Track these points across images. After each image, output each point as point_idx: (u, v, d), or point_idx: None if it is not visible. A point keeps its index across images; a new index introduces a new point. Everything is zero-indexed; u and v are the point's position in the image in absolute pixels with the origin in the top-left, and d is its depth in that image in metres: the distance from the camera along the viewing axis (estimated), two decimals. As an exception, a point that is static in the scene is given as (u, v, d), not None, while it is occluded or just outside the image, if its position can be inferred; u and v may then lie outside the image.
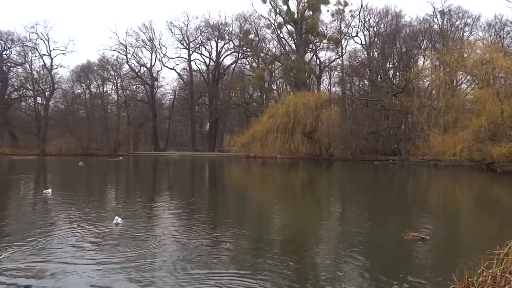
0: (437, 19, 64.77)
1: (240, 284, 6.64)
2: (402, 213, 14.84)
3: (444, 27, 64.14)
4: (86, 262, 7.68)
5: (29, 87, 77.78)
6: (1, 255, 7.44)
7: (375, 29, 69.05)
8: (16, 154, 65.09)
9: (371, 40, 69.53)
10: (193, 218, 12.62)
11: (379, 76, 64.03)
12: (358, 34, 71.22)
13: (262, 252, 8.59)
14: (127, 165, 46.16)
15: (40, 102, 78.58)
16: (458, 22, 63.70)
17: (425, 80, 54.15)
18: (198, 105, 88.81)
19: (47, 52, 77.38)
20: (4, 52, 77.22)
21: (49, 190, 17.80)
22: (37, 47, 77.14)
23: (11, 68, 78.82)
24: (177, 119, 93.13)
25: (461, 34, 63.31)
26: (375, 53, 70.28)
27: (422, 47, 63.58)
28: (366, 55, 70.33)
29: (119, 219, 10.65)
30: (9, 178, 28.56)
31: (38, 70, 78.32)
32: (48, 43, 77.23)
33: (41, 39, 76.61)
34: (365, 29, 69.87)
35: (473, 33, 62.70)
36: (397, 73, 64.81)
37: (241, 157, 60.49)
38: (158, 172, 38.62)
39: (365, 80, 68.51)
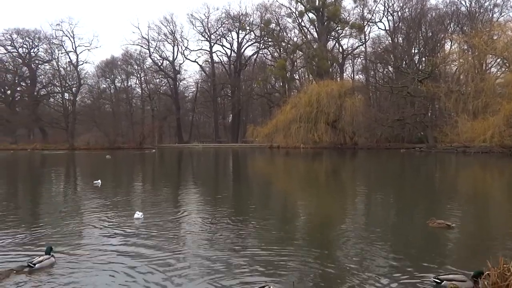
0: (465, 1, 62.51)
1: (263, 273, 6.67)
2: (428, 201, 14.52)
3: (472, 9, 61.86)
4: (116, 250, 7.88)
5: (57, 83, 79.93)
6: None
7: (399, 13, 67.31)
8: (47, 149, 67.30)
9: (395, 25, 67.82)
10: (218, 208, 12.74)
11: (404, 62, 62.51)
12: (382, 20, 69.69)
13: (287, 241, 8.59)
14: (153, 158, 46.98)
15: (67, 98, 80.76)
16: (487, 3, 61.33)
17: (453, 65, 52.62)
18: (220, 97, 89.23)
19: (73, 48, 79.31)
20: (32, 50, 79.58)
21: (99, 181, 18.66)
22: (63, 44, 79.18)
23: (39, 66, 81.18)
24: (200, 111, 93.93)
25: (490, 15, 60.95)
26: (400, 38, 68.59)
27: (449, 30, 61.63)
28: (390, 41, 68.76)
29: (140, 214, 10.75)
30: (48, 171, 29.56)
31: (65, 66, 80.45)
32: (74, 40, 79.12)
33: (66, 36, 78.55)
34: (389, 14, 68.23)
35: (503, 14, 60.39)
36: (423, 59, 63.11)
37: (265, 147, 60.53)
38: (183, 164, 39.13)
39: (390, 66, 67.07)
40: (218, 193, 17.12)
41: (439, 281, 6.00)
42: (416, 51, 65.55)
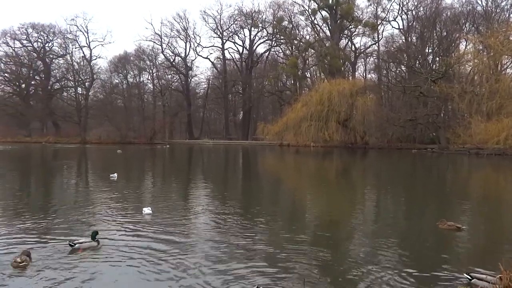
0: (481, 0, 61.45)
1: (272, 271, 6.69)
2: (439, 202, 14.39)
3: (489, 8, 60.79)
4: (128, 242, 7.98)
5: (70, 78, 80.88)
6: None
7: (413, 12, 66.46)
8: (59, 142, 68.20)
9: (410, 24, 67.02)
10: (228, 204, 12.79)
11: (417, 62, 61.78)
12: (396, 19, 68.93)
13: (296, 239, 8.60)
14: (163, 153, 47.28)
15: (80, 92, 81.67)
16: (503, 3, 60.13)
17: (467, 65, 51.80)
18: (231, 94, 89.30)
19: (87, 43, 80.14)
20: (46, 45, 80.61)
21: (115, 175, 18.98)
22: (77, 39, 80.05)
23: (53, 60, 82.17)
24: (211, 107, 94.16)
25: (507, 15, 59.82)
26: (414, 37, 67.74)
27: (464, 30, 60.65)
28: (403, 40, 67.99)
29: (148, 210, 10.82)
30: (63, 164, 29.98)
31: (79, 61, 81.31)
32: (87, 35, 79.97)
33: (80, 31, 79.40)
34: (403, 13, 67.41)
35: (520, 14, 59.15)
36: (437, 58, 62.27)
37: (275, 145, 60.49)
38: (193, 160, 39.33)
39: (403, 66, 66.31)
40: (228, 190, 17.19)
41: (470, 278, 6.07)
42: (430, 50, 64.72)
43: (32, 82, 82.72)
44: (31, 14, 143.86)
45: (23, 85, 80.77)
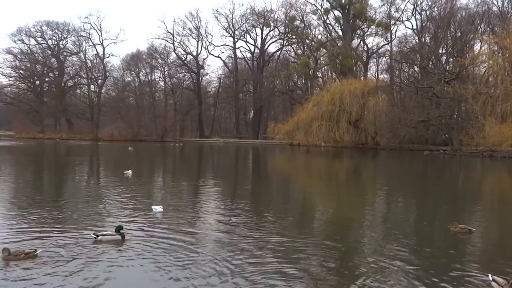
0: (497, 1, 60.53)
1: (281, 272, 6.68)
2: (451, 205, 14.22)
3: (504, 9, 59.91)
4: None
5: (83, 75, 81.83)
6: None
7: (427, 12, 65.75)
8: (72, 139, 69.07)
9: (423, 24, 66.30)
10: (238, 204, 12.82)
11: (430, 63, 61.11)
12: (410, 19, 68.24)
13: (306, 241, 8.58)
14: (174, 151, 47.57)
15: (93, 89, 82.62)
16: (520, 3, 59.16)
17: (482, 66, 51.12)
18: (242, 93, 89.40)
19: (100, 41, 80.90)
20: (60, 42, 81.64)
21: (130, 172, 19.14)
22: (91, 37, 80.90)
23: (67, 57, 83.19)
24: (222, 106, 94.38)
25: (524, 16, 58.81)
26: (427, 38, 67.03)
27: (479, 31, 59.83)
28: (417, 41, 67.32)
29: (159, 208, 10.87)
30: (78, 161, 30.37)
31: (92, 59, 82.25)
32: (101, 33, 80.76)
33: (94, 29, 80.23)
34: (417, 13, 66.71)
35: (537, 14, 58.10)
36: (451, 59, 61.55)
37: (285, 144, 60.42)
38: (204, 159, 39.48)
39: (416, 66, 65.68)
40: (238, 189, 17.24)
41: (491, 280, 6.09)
42: (443, 51, 63.97)
43: (46, 79, 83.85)
44: (46, 11, 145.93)
45: (37, 82, 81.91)
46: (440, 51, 63.50)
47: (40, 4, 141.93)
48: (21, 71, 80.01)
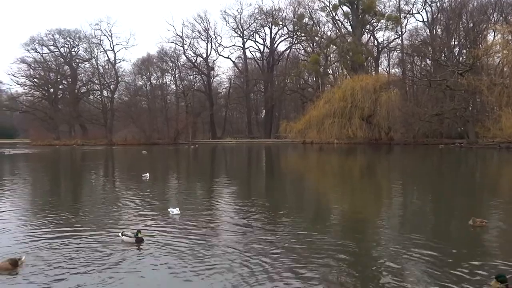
0: (510, -11, 59.24)
1: (297, 271, 6.65)
2: (469, 199, 13.98)
3: (518, -3, 58.58)
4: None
5: (96, 81, 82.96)
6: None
7: (438, 4, 64.89)
8: (87, 144, 70.04)
9: (434, 16, 65.42)
10: (253, 204, 12.82)
11: (443, 55, 60.26)
12: (420, 11, 67.36)
13: (321, 239, 8.53)
14: (187, 153, 47.84)
15: (106, 95, 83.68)
16: (534, -9, 57.85)
17: (496, 57, 50.29)
18: (253, 93, 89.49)
19: (111, 47, 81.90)
20: (72, 50, 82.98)
21: (147, 174, 19.34)
22: (102, 43, 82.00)
23: (80, 64, 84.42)
24: (233, 107, 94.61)
25: (538, 3, 57.52)
26: (439, 30, 66.14)
27: (492, 20, 58.76)
28: (428, 33, 66.46)
29: (176, 210, 10.91)
30: (95, 166, 30.82)
31: (103, 65, 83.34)
32: (111, 39, 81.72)
33: (105, 35, 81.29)
34: (427, 5, 65.79)
35: (551, 1, 56.76)
36: (464, 51, 60.59)
37: (298, 143, 60.24)
38: (217, 160, 39.60)
39: (428, 59, 64.87)
40: (253, 189, 17.25)
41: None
42: (456, 42, 62.99)
43: (60, 87, 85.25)
44: (57, 20, 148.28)
45: (52, 90, 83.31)
46: (453, 42, 62.57)
47: (51, 12, 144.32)
48: (35, 79, 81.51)
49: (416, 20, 77.32)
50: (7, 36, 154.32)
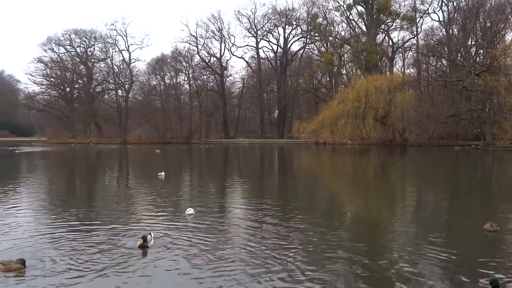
0: (528, -12, 57.95)
1: (309, 274, 6.64)
2: (485, 203, 13.75)
3: (537, -4, 57.28)
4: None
5: (111, 80, 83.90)
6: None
7: (454, 3, 63.76)
8: (101, 143, 70.96)
9: (450, 16, 64.37)
10: (266, 205, 12.83)
11: (459, 55, 59.28)
12: (436, 11, 66.42)
13: (334, 241, 8.49)
14: (200, 153, 48.08)
15: (120, 94, 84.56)
16: (553, -10, 56.48)
17: (514, 57, 49.14)
18: (266, 93, 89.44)
19: (126, 47, 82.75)
20: (88, 49, 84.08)
21: (163, 173, 19.51)
22: (117, 43, 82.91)
23: (95, 64, 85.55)
24: (246, 107, 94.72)
25: (558, 2, 56.15)
26: (455, 30, 65.02)
27: (510, 20, 57.51)
28: (444, 33, 65.48)
29: (191, 210, 10.98)
30: (111, 164, 31.25)
31: (118, 64, 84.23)
32: (126, 39, 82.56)
33: (120, 35, 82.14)
34: (443, 4, 64.82)
35: None
36: (480, 51, 59.50)
37: (310, 143, 60.01)
38: (230, 159, 39.72)
39: (444, 59, 63.85)
40: (267, 189, 17.27)
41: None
42: (473, 42, 61.87)
43: (76, 86, 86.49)
44: (74, 20, 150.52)
45: (68, 89, 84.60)
46: (469, 42, 61.45)
47: (68, 13, 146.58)
48: (52, 78, 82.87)
49: (432, 19, 76.31)
50: (25, 36, 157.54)
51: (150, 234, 8.13)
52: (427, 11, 67.09)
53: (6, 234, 8.93)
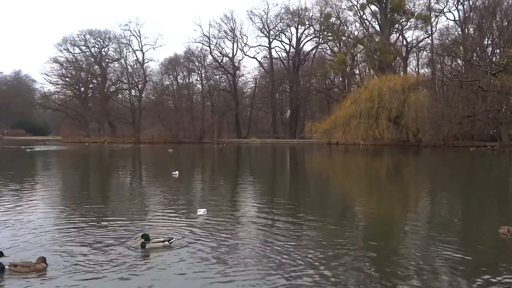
0: (547, -14, 56.74)
1: (321, 274, 6.60)
2: (500, 205, 13.50)
3: (556, -6, 56.04)
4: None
5: (125, 80, 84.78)
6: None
7: (470, 2, 62.70)
8: (115, 142, 71.71)
9: (466, 15, 63.32)
10: (278, 205, 12.82)
11: (475, 55, 58.24)
12: (451, 10, 65.42)
13: (345, 242, 8.43)
14: (212, 152, 48.24)
15: (134, 94, 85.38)
16: None
17: (532, 57, 48.06)
18: (278, 93, 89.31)
19: (139, 47, 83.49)
20: (102, 50, 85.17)
21: (177, 172, 19.72)
22: (131, 43, 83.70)
23: (109, 64, 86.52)
24: (258, 107, 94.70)
25: None
26: (471, 29, 63.92)
27: (528, 19, 56.35)
28: (460, 32, 64.41)
29: (203, 211, 11.00)
30: (125, 164, 31.61)
31: (132, 64, 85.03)
32: (140, 39, 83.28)
33: (133, 35, 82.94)
34: (459, 3, 63.80)
35: None
36: (497, 50, 58.38)
37: (323, 143, 59.73)
38: (242, 159, 39.77)
39: (459, 59, 62.80)
40: (279, 189, 17.27)
41: None
42: (489, 42, 60.73)
43: (90, 86, 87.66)
44: (88, 20, 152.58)
45: (82, 89, 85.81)
46: (485, 42, 60.32)
47: (83, 14, 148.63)
48: (67, 78, 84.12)
49: (447, 19, 75.64)
50: (41, 36, 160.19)
51: (169, 240, 7.95)
52: (442, 10, 66.20)
53: (21, 230, 9.15)
